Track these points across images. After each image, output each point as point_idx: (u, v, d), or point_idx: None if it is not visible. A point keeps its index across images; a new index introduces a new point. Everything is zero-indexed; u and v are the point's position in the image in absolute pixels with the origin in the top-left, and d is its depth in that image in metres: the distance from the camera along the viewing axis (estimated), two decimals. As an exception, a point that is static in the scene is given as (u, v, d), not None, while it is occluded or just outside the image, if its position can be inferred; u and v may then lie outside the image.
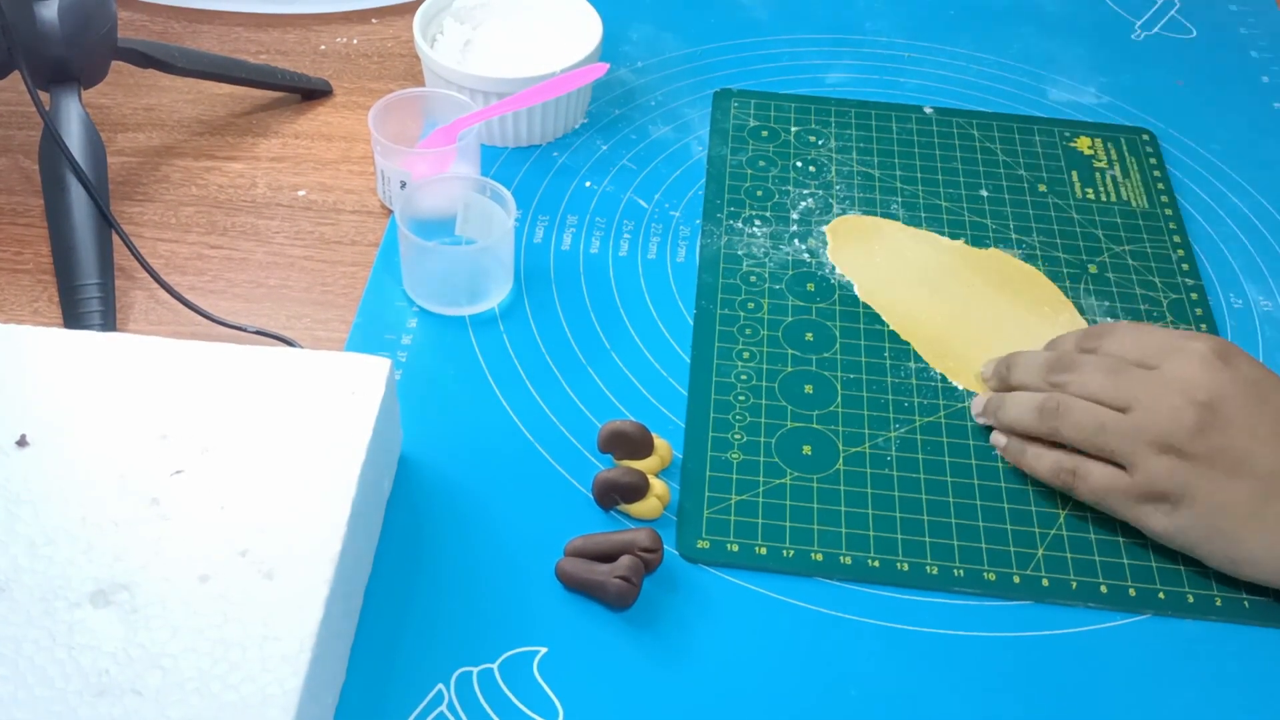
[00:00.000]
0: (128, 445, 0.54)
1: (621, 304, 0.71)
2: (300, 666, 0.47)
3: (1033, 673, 0.56)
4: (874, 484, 0.62)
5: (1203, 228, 0.79)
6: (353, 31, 0.92)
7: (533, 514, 0.60)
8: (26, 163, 0.79)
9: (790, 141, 0.83)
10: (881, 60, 0.92)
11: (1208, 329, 0.71)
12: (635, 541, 0.57)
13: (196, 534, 0.51)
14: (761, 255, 0.75)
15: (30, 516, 0.51)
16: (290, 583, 0.49)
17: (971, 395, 0.66)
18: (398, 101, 0.76)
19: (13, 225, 0.75)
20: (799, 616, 0.57)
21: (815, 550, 0.60)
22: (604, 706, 0.54)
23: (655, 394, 0.66)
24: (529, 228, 0.76)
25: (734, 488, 0.62)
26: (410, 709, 0.53)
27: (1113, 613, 0.58)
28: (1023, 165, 0.82)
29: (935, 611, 0.58)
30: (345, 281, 0.72)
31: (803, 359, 0.69)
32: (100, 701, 0.46)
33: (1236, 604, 0.58)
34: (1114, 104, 0.89)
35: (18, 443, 0.53)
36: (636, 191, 0.79)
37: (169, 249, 0.74)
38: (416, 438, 0.63)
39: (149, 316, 0.70)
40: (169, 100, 0.85)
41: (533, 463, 0.63)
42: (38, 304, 0.70)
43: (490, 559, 0.58)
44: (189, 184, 0.78)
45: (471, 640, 0.55)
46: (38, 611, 0.48)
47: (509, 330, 0.69)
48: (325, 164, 0.80)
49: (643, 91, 0.87)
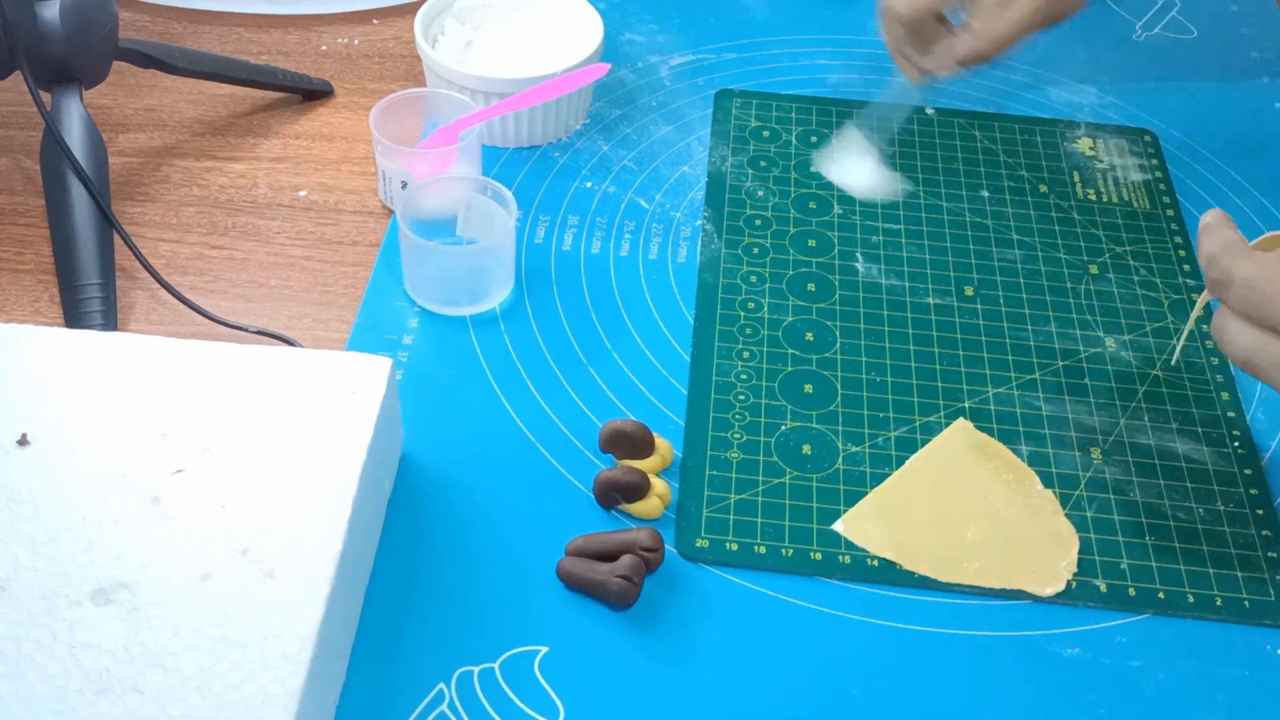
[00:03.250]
0: (129, 444, 0.54)
1: (622, 304, 0.71)
2: (301, 665, 0.47)
3: (1033, 672, 0.56)
4: (874, 484, 0.62)
5: (1203, 228, 0.79)
6: (354, 32, 0.92)
7: (534, 514, 0.60)
8: (28, 163, 0.79)
9: (791, 142, 0.83)
10: (883, 61, 0.91)
11: (1208, 328, 0.71)
12: (636, 541, 0.57)
13: (197, 533, 0.51)
14: (762, 255, 0.75)
15: (31, 515, 0.51)
16: (291, 582, 0.49)
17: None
18: (399, 102, 0.76)
19: (14, 225, 0.75)
20: (798, 615, 0.57)
21: (814, 549, 0.60)
22: (605, 706, 0.54)
23: (656, 393, 0.67)
24: (530, 228, 0.76)
25: (734, 487, 0.62)
26: (411, 708, 0.53)
27: (1113, 612, 0.58)
28: (1024, 166, 0.82)
29: (935, 610, 0.58)
30: (346, 281, 0.72)
31: (803, 359, 0.69)
32: (101, 700, 0.46)
33: (1237, 603, 0.58)
34: (1115, 104, 0.89)
35: (19, 442, 0.53)
36: (638, 192, 0.79)
37: (170, 249, 0.74)
38: (417, 437, 0.63)
39: (150, 316, 0.70)
40: (170, 100, 0.85)
41: (534, 462, 0.63)
42: (39, 304, 0.70)
43: (491, 558, 0.59)
44: (190, 184, 0.78)
45: (472, 639, 0.55)
46: (39, 610, 0.48)
47: (510, 330, 0.69)
48: (326, 164, 0.80)
49: (644, 92, 0.87)
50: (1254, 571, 0.59)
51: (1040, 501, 0.62)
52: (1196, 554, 0.60)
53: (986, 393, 0.67)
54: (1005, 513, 0.61)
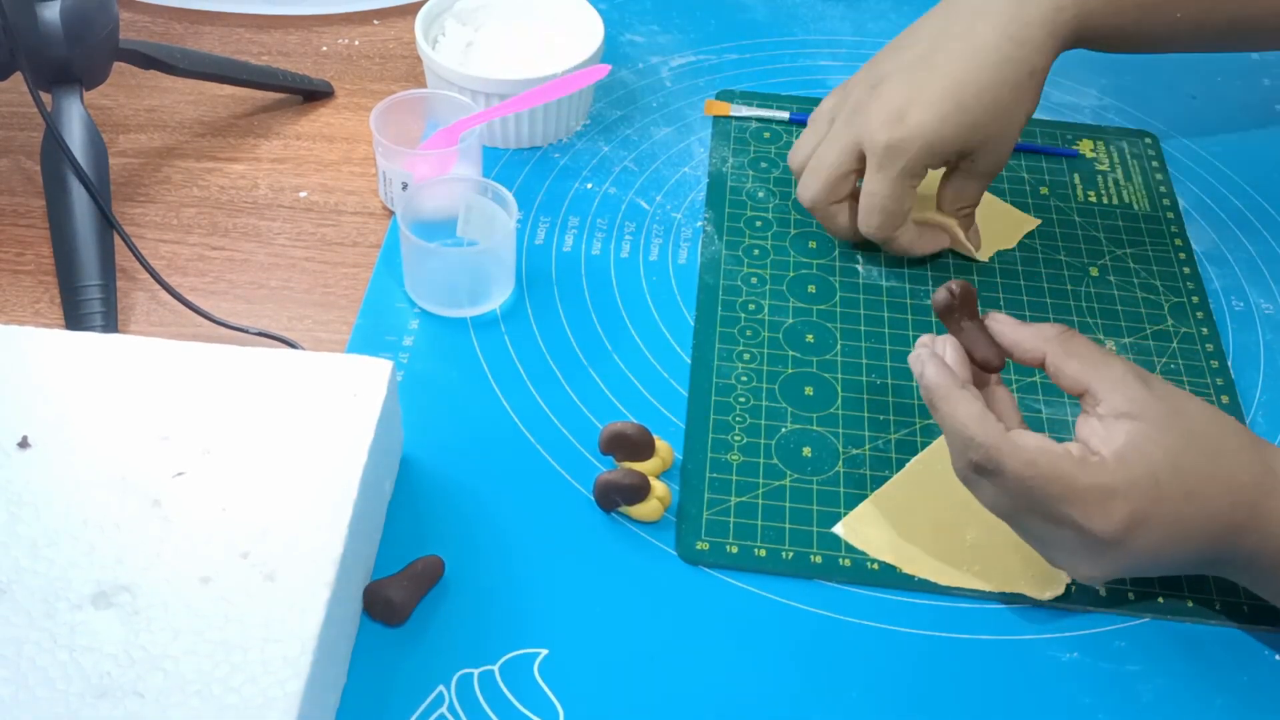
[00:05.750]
0: (129, 447, 0.54)
1: (623, 306, 0.71)
2: (302, 668, 0.47)
3: (1031, 676, 0.56)
4: (874, 486, 0.62)
5: (1205, 230, 0.79)
6: (354, 33, 0.92)
7: (533, 516, 0.60)
8: (28, 164, 0.79)
9: (792, 143, 0.83)
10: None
11: (1209, 332, 0.72)
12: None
13: (198, 536, 0.51)
14: (762, 257, 0.75)
15: (32, 518, 0.51)
16: (292, 585, 0.49)
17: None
18: (399, 103, 0.76)
19: (14, 226, 0.75)
20: (798, 618, 0.57)
21: (814, 552, 0.60)
22: (605, 708, 0.54)
23: (656, 395, 0.67)
24: (530, 229, 0.76)
25: (734, 489, 0.62)
26: (411, 711, 0.53)
27: (1111, 616, 0.58)
28: (1024, 168, 0.82)
29: (934, 614, 0.58)
30: (347, 283, 0.72)
31: (803, 360, 0.69)
32: (101, 703, 0.46)
33: (1235, 608, 0.58)
34: (1116, 106, 0.89)
35: (19, 444, 0.53)
36: (638, 193, 0.79)
37: (170, 250, 0.74)
38: (418, 439, 0.63)
39: (150, 318, 0.70)
40: (170, 101, 0.85)
41: (534, 464, 0.63)
42: (39, 305, 0.70)
43: (491, 560, 0.59)
44: (190, 185, 0.78)
45: (472, 642, 0.55)
46: (39, 613, 0.48)
47: (510, 332, 0.69)
48: (327, 165, 0.80)
49: (644, 93, 0.87)
50: (1253, 575, 0.60)
51: None
52: (1196, 558, 0.60)
53: (987, 395, 0.67)
54: None
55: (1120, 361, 0.54)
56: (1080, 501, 0.51)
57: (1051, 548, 0.54)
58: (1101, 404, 0.53)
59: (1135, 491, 0.50)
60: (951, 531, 0.60)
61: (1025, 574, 0.59)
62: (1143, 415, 0.52)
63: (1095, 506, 0.50)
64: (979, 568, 0.59)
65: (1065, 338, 0.55)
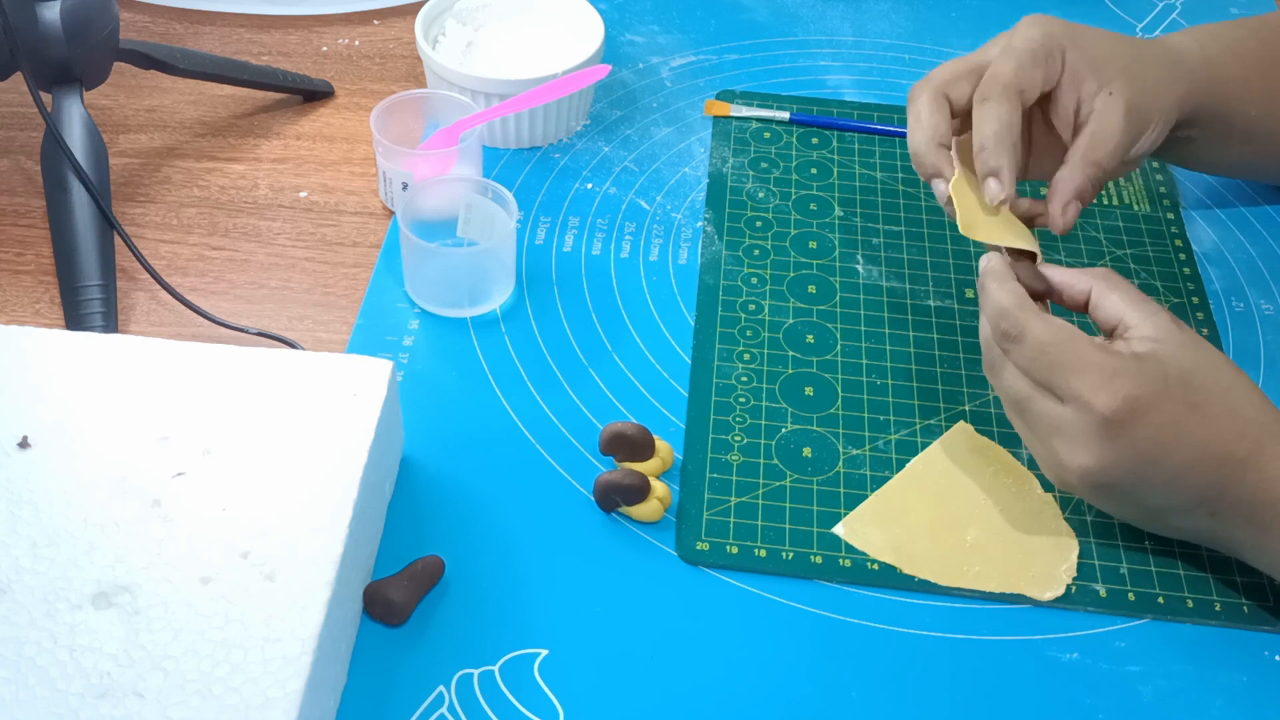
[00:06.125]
0: (129, 447, 0.54)
1: (623, 306, 0.72)
2: (302, 668, 0.47)
3: (1032, 676, 0.56)
4: (874, 487, 0.63)
5: (1205, 231, 0.79)
6: (354, 33, 0.92)
7: (534, 516, 0.60)
8: (28, 164, 0.79)
9: (792, 143, 0.83)
10: (883, 62, 0.92)
11: (1209, 333, 0.72)
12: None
13: (198, 536, 0.51)
14: (763, 257, 0.75)
15: (32, 518, 0.51)
16: (292, 585, 0.49)
17: None
18: (399, 103, 0.76)
19: (14, 226, 0.75)
20: (798, 619, 0.57)
21: (815, 553, 0.60)
22: (605, 708, 0.54)
23: (656, 396, 0.67)
24: (531, 229, 0.76)
25: (734, 489, 0.62)
26: (411, 711, 0.53)
27: (1112, 616, 0.58)
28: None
29: (935, 615, 0.58)
30: (347, 283, 0.72)
31: (803, 361, 0.69)
32: (102, 703, 0.46)
33: (1235, 609, 0.58)
34: (1115, 107, 0.88)
35: (20, 444, 0.53)
36: (638, 193, 0.79)
37: (170, 250, 0.74)
38: (418, 439, 0.63)
39: (150, 318, 0.70)
40: (171, 101, 0.85)
41: (534, 464, 0.63)
42: (39, 305, 0.70)
43: (491, 561, 0.59)
44: (190, 185, 0.78)
45: (472, 642, 0.55)
46: (39, 613, 0.48)
47: (510, 332, 0.69)
48: (327, 165, 0.80)
49: (644, 93, 0.87)
50: (1253, 577, 0.59)
51: (1040, 505, 0.62)
52: (1196, 559, 0.60)
53: (987, 395, 0.67)
54: (1005, 516, 0.61)
55: (1161, 306, 0.57)
56: (1089, 373, 0.53)
57: (1054, 436, 0.55)
58: (1132, 329, 0.56)
59: (1142, 379, 0.53)
60: (951, 532, 0.60)
61: (1025, 574, 0.59)
62: (1168, 340, 0.55)
63: (1102, 380, 0.53)
64: (979, 568, 0.59)
65: (1111, 275, 0.59)
